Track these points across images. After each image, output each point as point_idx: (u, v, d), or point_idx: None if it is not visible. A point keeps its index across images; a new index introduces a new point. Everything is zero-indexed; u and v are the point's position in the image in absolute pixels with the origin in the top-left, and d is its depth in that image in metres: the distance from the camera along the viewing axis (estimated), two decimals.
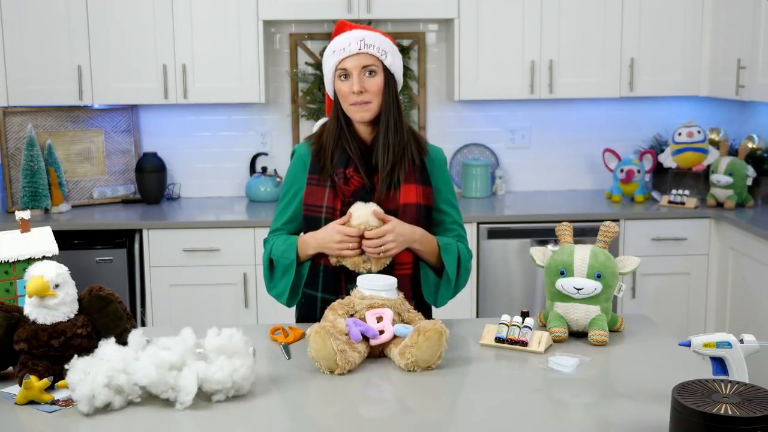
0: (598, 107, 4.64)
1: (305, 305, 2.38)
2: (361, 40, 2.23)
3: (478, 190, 4.47)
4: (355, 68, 2.22)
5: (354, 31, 2.26)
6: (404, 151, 2.28)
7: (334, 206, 2.28)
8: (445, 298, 2.35)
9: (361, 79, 2.22)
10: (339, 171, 2.26)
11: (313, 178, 2.31)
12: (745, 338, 1.75)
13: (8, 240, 2.14)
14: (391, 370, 1.99)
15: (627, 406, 1.78)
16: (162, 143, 4.52)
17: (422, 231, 2.29)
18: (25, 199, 4.08)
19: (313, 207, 2.30)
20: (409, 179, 2.29)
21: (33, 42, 4.08)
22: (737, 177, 4.10)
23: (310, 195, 2.30)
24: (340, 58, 2.24)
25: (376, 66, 2.24)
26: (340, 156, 2.27)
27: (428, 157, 2.35)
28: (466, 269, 2.36)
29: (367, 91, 2.22)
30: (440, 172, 2.37)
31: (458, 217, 2.41)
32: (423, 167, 2.33)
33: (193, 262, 3.99)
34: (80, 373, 1.74)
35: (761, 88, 3.83)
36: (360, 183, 2.26)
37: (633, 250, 4.02)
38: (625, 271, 2.20)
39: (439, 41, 4.54)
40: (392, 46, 2.29)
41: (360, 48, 2.22)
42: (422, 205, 2.30)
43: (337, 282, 2.29)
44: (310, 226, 2.30)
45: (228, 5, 4.14)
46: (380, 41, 2.25)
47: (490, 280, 4.10)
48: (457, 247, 2.34)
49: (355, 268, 2.23)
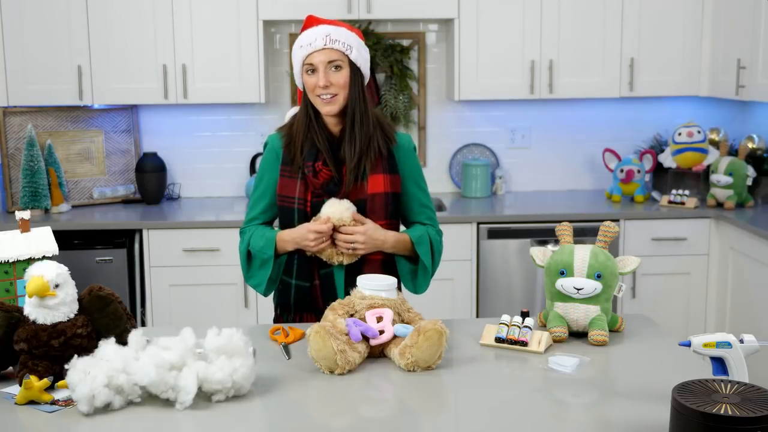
0: (598, 107, 4.64)
1: (280, 291, 2.47)
2: (326, 35, 2.31)
3: (478, 190, 4.47)
4: (321, 63, 2.30)
5: (320, 27, 2.34)
6: (370, 143, 2.35)
7: (305, 198, 2.37)
8: (423, 285, 2.47)
9: (327, 74, 2.30)
10: (308, 164, 2.35)
11: (286, 170, 2.40)
12: (745, 338, 1.75)
13: (8, 240, 2.14)
14: (391, 370, 1.99)
15: (627, 406, 1.78)
16: (162, 143, 4.52)
17: (395, 238, 2.39)
18: (25, 199, 4.08)
19: (286, 198, 2.39)
20: (376, 169, 2.37)
21: (33, 42, 4.08)
22: (737, 177, 4.10)
23: (284, 186, 2.40)
24: (306, 53, 2.32)
25: (341, 61, 2.31)
26: (310, 149, 2.35)
27: (396, 146, 2.42)
28: (439, 252, 2.48)
29: (332, 85, 2.30)
30: (408, 158, 2.44)
31: (426, 199, 2.50)
32: (390, 155, 2.40)
33: (193, 262, 3.99)
34: (80, 373, 1.74)
35: (761, 88, 3.83)
36: (328, 175, 2.34)
37: (633, 250, 4.02)
38: (625, 271, 2.20)
39: (439, 41, 4.54)
40: (358, 40, 2.36)
41: (325, 44, 2.30)
42: (390, 193, 2.39)
43: (310, 270, 2.39)
44: (285, 216, 2.40)
45: (228, 5, 4.14)
46: (346, 36, 2.33)
47: (490, 280, 4.10)
48: (428, 235, 2.44)
49: (328, 260, 2.35)
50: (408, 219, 2.49)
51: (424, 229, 2.44)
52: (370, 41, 4.34)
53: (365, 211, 2.37)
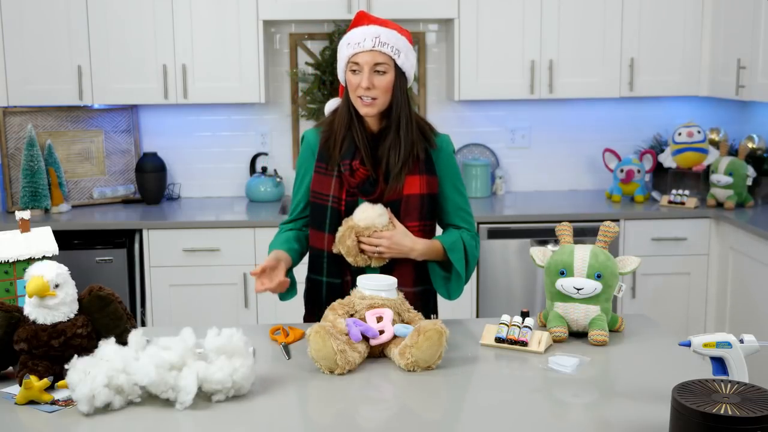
0: (598, 107, 4.64)
1: (310, 290, 2.44)
2: (376, 37, 2.25)
3: (478, 190, 4.47)
4: (366, 64, 2.25)
5: (370, 27, 2.28)
6: (413, 148, 2.31)
7: (339, 196, 2.33)
8: (457, 291, 2.40)
9: (371, 76, 2.24)
10: (345, 162, 2.30)
11: (321, 167, 2.36)
12: (745, 338, 1.75)
13: (8, 240, 2.14)
14: (391, 370, 1.99)
15: (627, 406, 1.78)
16: (162, 143, 4.52)
17: (425, 246, 2.32)
18: (25, 199, 4.08)
19: (319, 195, 2.35)
20: (413, 170, 2.32)
21: (33, 42, 4.08)
22: (737, 177, 4.10)
23: (317, 183, 2.36)
24: (353, 51, 2.26)
25: (387, 64, 2.26)
26: (348, 146, 2.31)
27: (434, 149, 2.37)
28: (474, 257, 2.40)
29: (375, 88, 2.25)
30: (447, 159, 2.41)
31: (463, 202, 2.44)
32: (428, 157, 2.36)
33: (193, 262, 3.99)
34: (80, 373, 1.74)
35: (761, 88, 3.83)
36: (365, 175, 2.30)
37: (633, 250, 4.02)
38: (625, 271, 2.20)
39: (439, 41, 4.54)
40: (407, 44, 2.31)
41: (374, 45, 2.24)
42: (426, 195, 2.34)
43: (339, 267, 2.35)
44: (317, 214, 2.36)
45: (228, 5, 4.13)
46: (396, 40, 2.27)
47: (490, 280, 4.10)
48: (462, 241, 2.37)
49: (354, 264, 2.31)
50: (444, 221, 2.44)
51: (458, 233, 2.38)
52: None
53: (399, 212, 2.32)
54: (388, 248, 2.27)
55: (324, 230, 2.34)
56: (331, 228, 2.33)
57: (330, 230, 2.33)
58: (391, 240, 2.27)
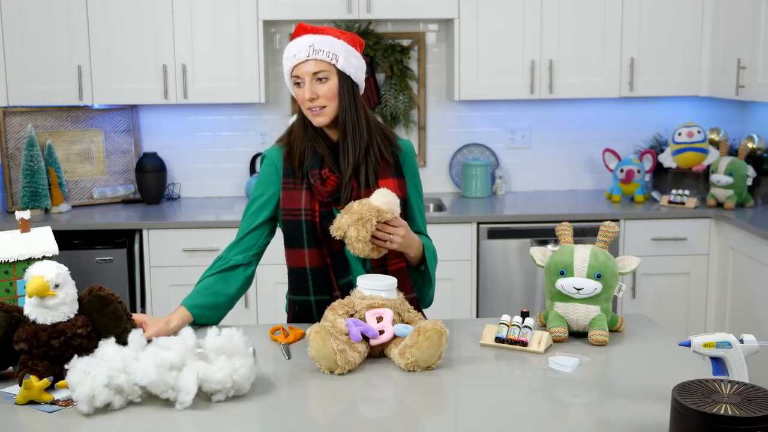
0: (598, 107, 4.64)
1: (300, 312, 2.36)
2: (309, 46, 2.22)
3: (478, 190, 4.47)
4: (306, 74, 2.22)
5: (304, 37, 2.25)
6: (368, 150, 2.28)
7: (312, 207, 2.27)
8: (430, 296, 2.42)
9: (312, 86, 2.22)
10: (314, 172, 2.27)
11: (289, 182, 2.30)
12: (745, 338, 1.75)
13: (8, 240, 2.14)
14: (391, 370, 1.99)
15: (627, 406, 1.78)
16: (162, 143, 4.52)
17: (419, 242, 2.30)
18: (25, 199, 4.08)
19: (291, 211, 2.29)
20: (386, 174, 2.31)
21: (33, 42, 4.08)
22: (737, 177, 4.10)
23: (287, 199, 2.29)
24: (292, 65, 2.24)
25: (327, 71, 2.22)
26: (313, 157, 2.28)
27: (400, 152, 2.37)
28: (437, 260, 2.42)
29: (319, 97, 2.22)
30: (411, 164, 2.40)
31: (423, 208, 2.45)
32: (396, 161, 2.34)
33: (193, 262, 3.99)
34: (80, 373, 1.74)
35: (761, 88, 3.83)
36: (337, 182, 2.27)
37: (633, 250, 4.02)
38: (625, 271, 2.20)
39: (439, 41, 4.54)
40: (346, 47, 2.26)
41: (309, 54, 2.22)
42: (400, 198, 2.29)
43: (326, 282, 2.30)
44: (291, 231, 2.29)
45: (228, 5, 4.14)
46: (331, 45, 2.23)
47: (490, 280, 4.10)
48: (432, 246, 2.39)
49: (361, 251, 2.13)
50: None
51: (425, 238, 2.37)
52: (370, 41, 4.34)
53: None
54: (402, 237, 2.19)
55: (303, 246, 2.28)
56: (310, 242, 2.27)
57: (309, 245, 2.27)
58: (407, 230, 2.22)
